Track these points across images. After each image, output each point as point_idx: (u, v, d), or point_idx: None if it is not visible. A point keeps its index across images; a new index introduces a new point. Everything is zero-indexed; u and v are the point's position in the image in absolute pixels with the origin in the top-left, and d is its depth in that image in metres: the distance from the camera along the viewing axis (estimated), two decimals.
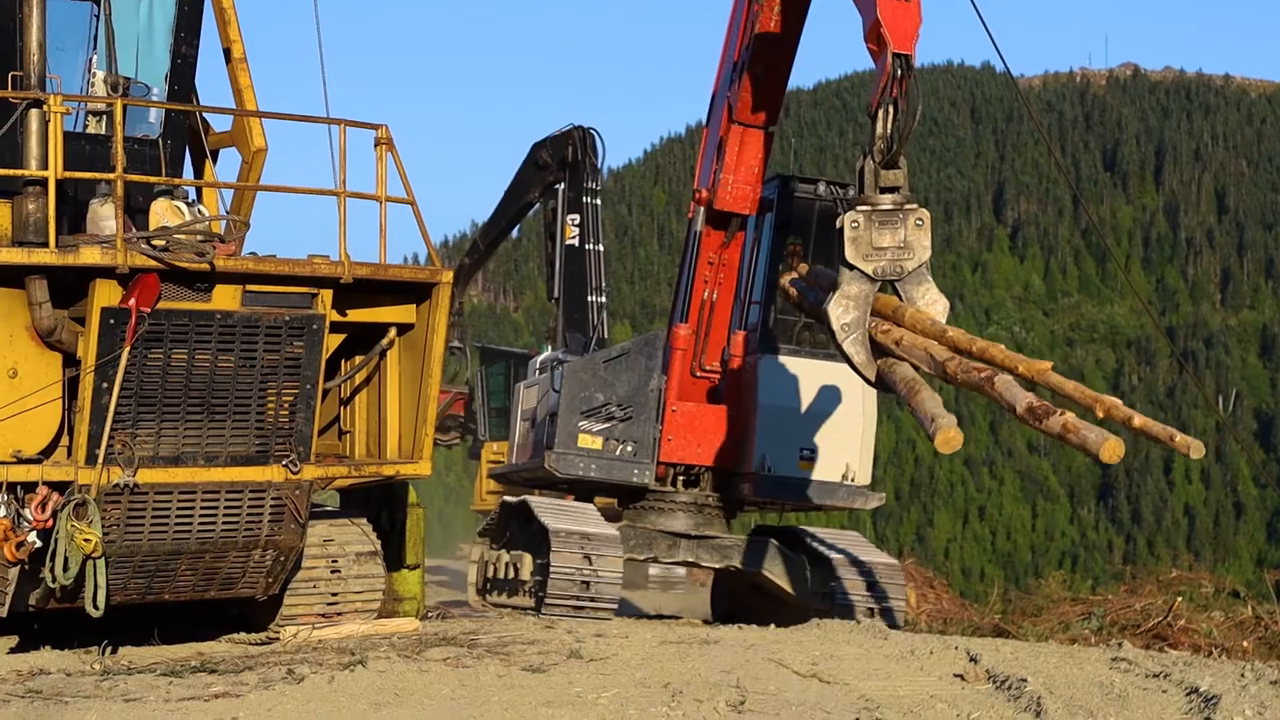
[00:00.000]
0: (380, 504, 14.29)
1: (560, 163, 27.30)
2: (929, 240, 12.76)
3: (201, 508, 11.71)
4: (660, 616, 19.85)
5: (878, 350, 12.70)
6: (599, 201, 27.20)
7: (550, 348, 29.51)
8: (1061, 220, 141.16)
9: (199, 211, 12.26)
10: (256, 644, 12.34)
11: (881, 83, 12.56)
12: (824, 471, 16.93)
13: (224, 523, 11.81)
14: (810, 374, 16.92)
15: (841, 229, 12.68)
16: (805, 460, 16.86)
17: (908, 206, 12.67)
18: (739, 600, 18.22)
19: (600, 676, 10.17)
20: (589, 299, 27.09)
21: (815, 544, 16.94)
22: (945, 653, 11.56)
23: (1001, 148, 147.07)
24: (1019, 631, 16.54)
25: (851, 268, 12.67)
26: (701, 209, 16.79)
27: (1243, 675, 10.18)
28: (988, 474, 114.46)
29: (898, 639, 12.75)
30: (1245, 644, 15.36)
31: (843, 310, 12.71)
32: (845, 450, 16.90)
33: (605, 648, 11.65)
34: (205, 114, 13.55)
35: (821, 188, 17.25)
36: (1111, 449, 11.01)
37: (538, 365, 20.38)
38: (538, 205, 28.90)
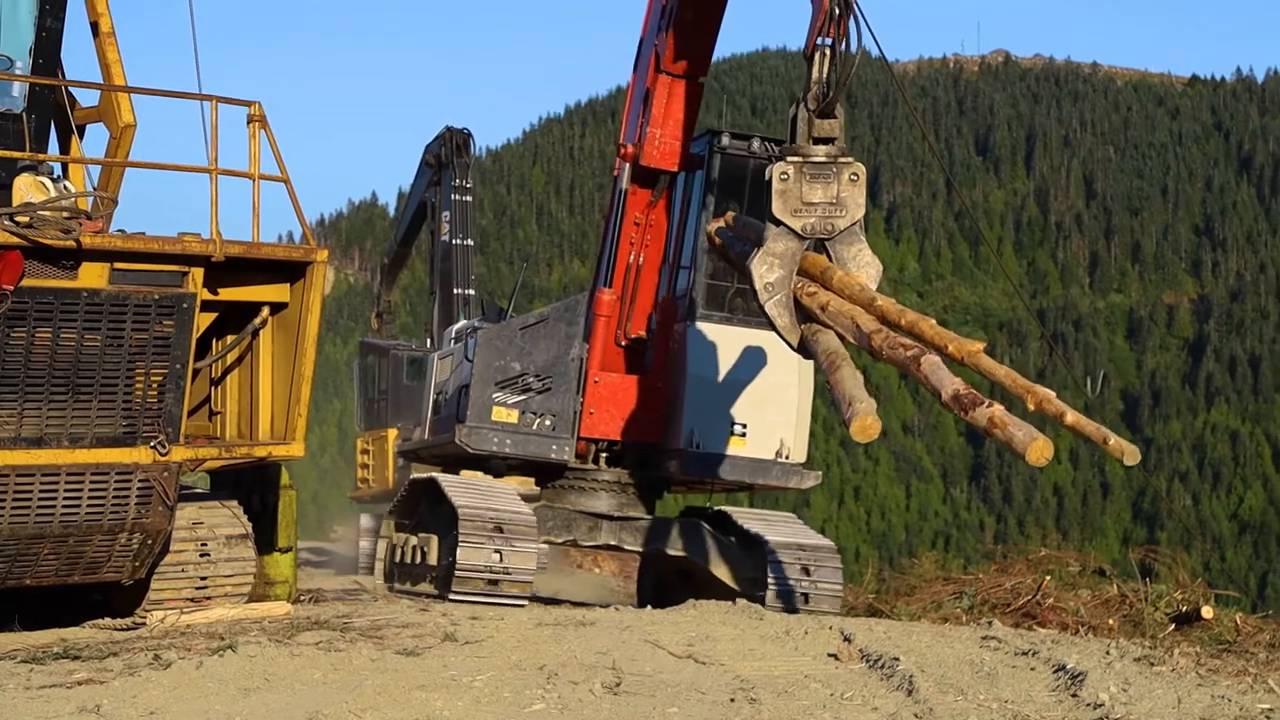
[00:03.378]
0: (251, 486, 14.09)
1: (438, 163, 28.93)
2: (863, 197, 12.07)
3: (65, 490, 11.46)
4: (540, 599, 19.75)
5: (803, 314, 11.95)
6: (469, 199, 28.91)
7: (430, 341, 30.90)
8: (935, 204, 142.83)
9: (65, 188, 12.00)
10: (122, 629, 12.13)
11: (818, 22, 11.78)
12: (756, 448, 15.93)
13: (89, 506, 11.58)
14: (742, 343, 15.90)
15: (770, 180, 11.91)
16: (736, 436, 15.88)
17: (842, 160, 11.95)
18: (667, 586, 17.22)
19: (475, 659, 10.11)
20: (455, 292, 28.53)
21: (746, 525, 16.05)
22: (820, 632, 11.65)
23: (877, 131, 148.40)
24: (892, 611, 16.68)
25: (779, 223, 11.93)
26: (627, 165, 15.79)
27: (1108, 652, 10.36)
28: (863, 454, 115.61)
29: (773, 619, 12.82)
30: (1111, 622, 15.61)
31: (767, 268, 11.94)
32: (779, 425, 15.93)
33: (480, 630, 11.59)
34: (71, 89, 13.25)
35: (756, 144, 16.17)
36: (1039, 450, 10.13)
37: (452, 335, 19.54)
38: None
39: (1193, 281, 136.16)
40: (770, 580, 15.43)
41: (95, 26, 13.19)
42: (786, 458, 16.03)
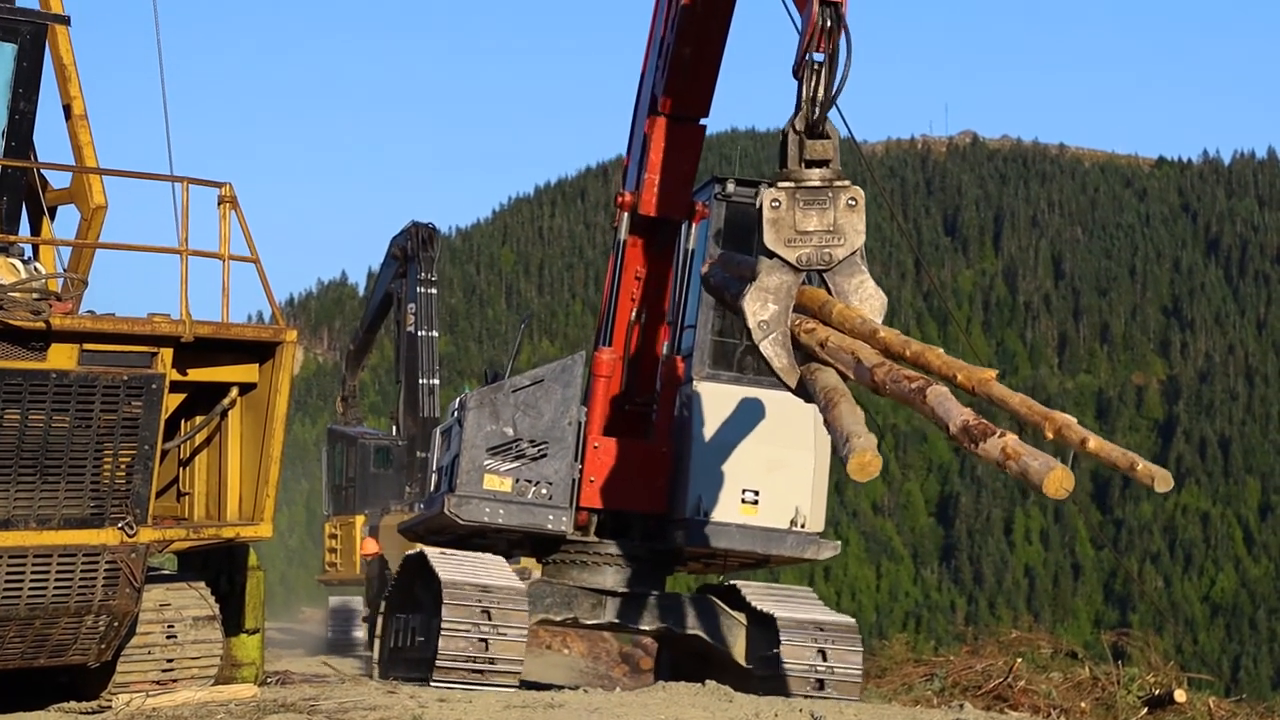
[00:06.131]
0: (219, 567, 14.00)
1: (404, 256, 30.36)
2: (863, 223, 11.07)
3: (32, 572, 11.37)
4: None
5: (801, 353, 11.07)
6: (434, 291, 30.29)
7: (395, 429, 31.90)
8: (904, 283, 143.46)
9: (35, 269, 12.00)
10: (87, 713, 12.00)
11: (808, 36, 10.99)
12: (769, 517, 14.78)
13: (55, 588, 11.48)
14: (753, 404, 14.78)
15: (760, 209, 11.04)
16: (747, 504, 14.77)
17: (838, 184, 11.09)
18: (683, 669, 15.67)
19: None
20: (420, 381, 29.64)
21: (757, 603, 14.84)
22: (790, 715, 11.59)
23: None
24: (863, 693, 16.63)
25: (772, 255, 11.00)
26: (626, 215, 14.71)
27: None
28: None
29: (742, 701, 12.75)
30: (1083, 705, 15.61)
31: (760, 305, 11.00)
32: (794, 491, 14.71)
33: (448, 713, 11.51)
34: (43, 170, 13.27)
35: None
36: (1057, 480, 9.47)
37: (455, 406, 19.12)
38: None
39: (1161, 362, 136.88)
40: (785, 661, 14.36)
41: (68, 109, 13.24)
42: (802, 526, 14.90)
